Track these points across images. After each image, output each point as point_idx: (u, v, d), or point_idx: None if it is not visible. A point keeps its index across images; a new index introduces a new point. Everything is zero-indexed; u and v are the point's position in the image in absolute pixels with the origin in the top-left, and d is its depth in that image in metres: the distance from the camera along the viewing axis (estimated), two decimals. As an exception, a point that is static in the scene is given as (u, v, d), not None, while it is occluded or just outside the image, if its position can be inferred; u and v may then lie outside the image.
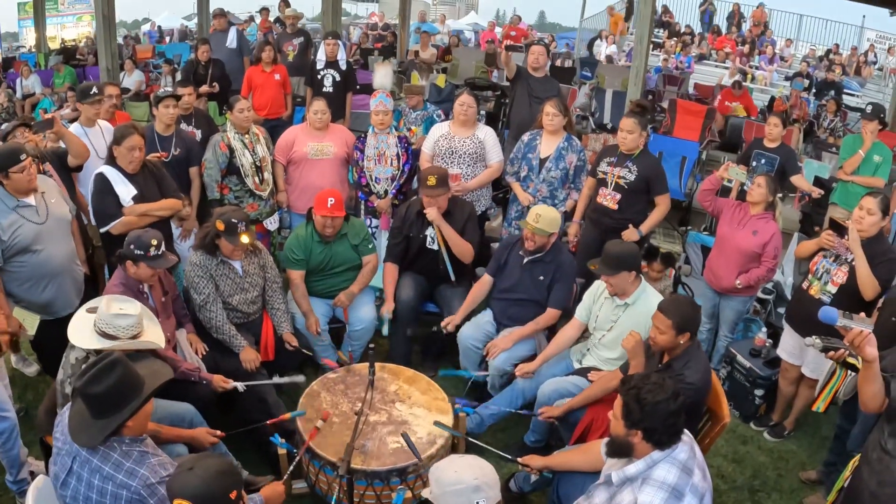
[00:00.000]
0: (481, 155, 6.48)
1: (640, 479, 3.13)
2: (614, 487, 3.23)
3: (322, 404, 4.49)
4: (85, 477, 3.01)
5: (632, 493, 3.12)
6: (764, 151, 7.65)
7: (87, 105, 6.14)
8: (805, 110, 13.50)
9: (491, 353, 5.19)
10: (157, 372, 3.29)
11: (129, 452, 3.03)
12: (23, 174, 4.50)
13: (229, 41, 10.97)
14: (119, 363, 3.03)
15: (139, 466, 3.00)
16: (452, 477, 2.75)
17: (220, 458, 2.80)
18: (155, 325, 3.98)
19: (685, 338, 4.00)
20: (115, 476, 2.97)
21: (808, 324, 4.79)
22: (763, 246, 5.47)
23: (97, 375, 2.97)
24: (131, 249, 4.37)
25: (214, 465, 2.71)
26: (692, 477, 3.09)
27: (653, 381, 3.13)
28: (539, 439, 5.02)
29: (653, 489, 3.05)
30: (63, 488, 3.09)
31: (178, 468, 2.75)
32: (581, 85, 13.31)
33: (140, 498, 2.95)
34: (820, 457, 5.23)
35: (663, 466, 3.10)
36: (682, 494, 3.03)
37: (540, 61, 7.39)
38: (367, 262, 5.72)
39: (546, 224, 5.11)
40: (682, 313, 3.98)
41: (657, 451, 3.13)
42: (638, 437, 3.12)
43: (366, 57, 15.27)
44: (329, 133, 6.58)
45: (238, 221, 4.83)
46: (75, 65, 15.23)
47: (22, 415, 4.79)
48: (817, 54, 20.96)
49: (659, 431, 3.09)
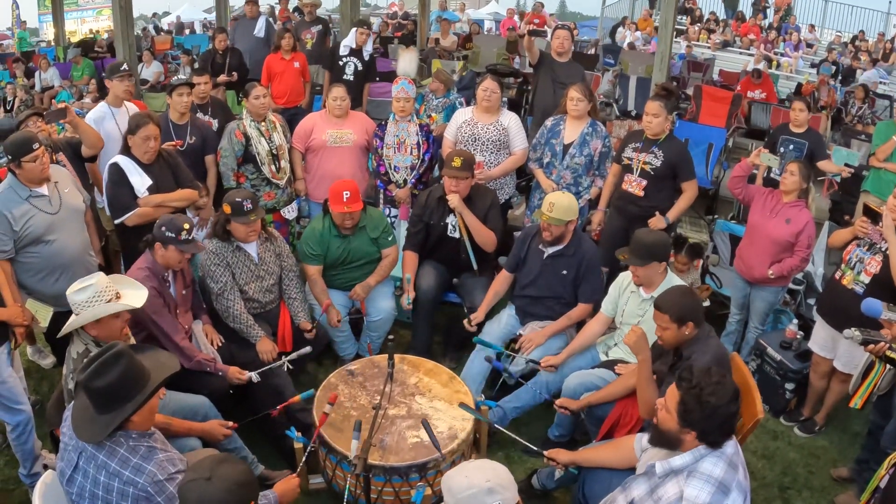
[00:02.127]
0: (505, 142, 6.34)
1: (685, 471, 3.02)
2: (657, 479, 3.12)
3: (340, 397, 4.38)
4: (91, 473, 2.95)
5: (677, 486, 3.01)
6: (791, 137, 7.50)
7: (116, 81, 6.09)
8: (833, 97, 13.30)
9: (525, 349, 5.06)
10: (163, 364, 3.20)
11: (135, 448, 2.96)
12: (35, 163, 4.45)
13: (257, 29, 10.94)
14: (123, 356, 2.95)
15: (146, 462, 2.92)
16: (463, 483, 2.63)
17: (237, 466, 2.68)
18: (135, 288, 3.87)
19: (688, 328, 3.88)
20: (122, 472, 2.90)
21: (841, 315, 4.70)
22: (796, 235, 5.32)
23: (100, 369, 2.90)
24: (162, 231, 4.37)
25: (233, 476, 2.59)
26: (737, 473, 2.99)
27: (714, 379, 2.98)
28: (563, 434, 4.91)
29: (700, 482, 2.94)
30: (69, 484, 3.03)
31: (194, 473, 2.62)
32: (604, 72, 13.17)
33: (147, 495, 2.88)
34: (852, 454, 5.11)
35: (710, 459, 2.99)
36: (729, 489, 2.92)
37: (565, 46, 7.23)
38: (387, 255, 5.62)
39: (561, 212, 4.94)
40: (677, 304, 3.87)
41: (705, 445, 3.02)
42: (691, 437, 3.01)
43: (386, 45, 15.20)
44: (348, 120, 6.48)
45: (243, 200, 4.78)
46: (94, 57, 15.24)
47: (37, 407, 4.78)
48: (843, 40, 20.67)
49: (715, 434, 2.98)
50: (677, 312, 3.84)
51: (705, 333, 3.97)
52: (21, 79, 13.85)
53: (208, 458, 2.75)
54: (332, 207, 5.30)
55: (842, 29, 22.54)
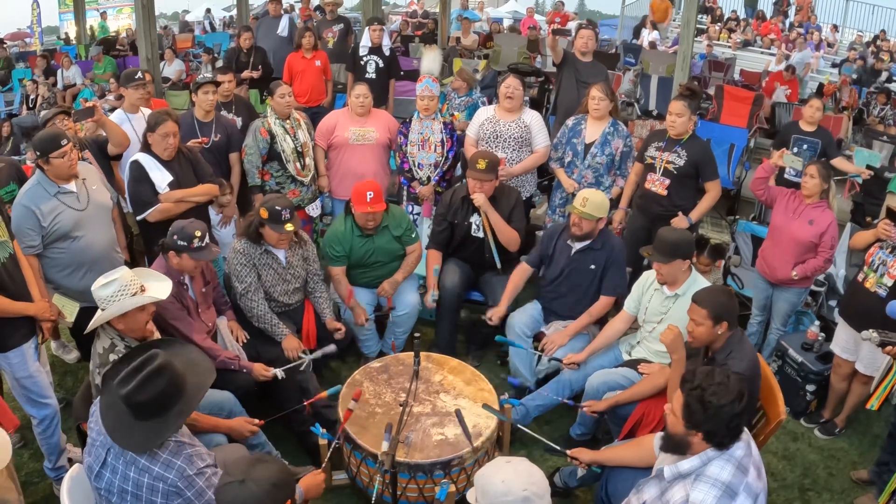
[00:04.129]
0: (527, 139, 6.33)
1: (693, 475, 3.01)
2: (666, 482, 3.12)
3: (365, 394, 4.40)
4: (120, 469, 2.95)
5: (683, 490, 3.00)
6: (804, 136, 7.43)
7: (130, 90, 6.13)
8: (855, 98, 13.22)
9: (548, 350, 5.07)
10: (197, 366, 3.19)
11: (164, 444, 2.95)
12: (63, 160, 4.46)
13: (281, 28, 10.91)
14: (166, 369, 2.91)
15: (175, 458, 2.93)
16: (500, 488, 2.59)
17: (272, 466, 2.66)
18: (160, 280, 3.87)
19: (723, 327, 3.87)
20: (152, 468, 2.90)
21: (864, 318, 4.68)
22: (820, 236, 5.29)
23: (144, 383, 2.85)
24: (175, 240, 4.35)
25: (269, 477, 2.58)
26: (747, 475, 2.96)
27: (717, 380, 2.96)
28: (585, 432, 4.91)
29: (706, 486, 2.93)
30: (97, 480, 3.03)
31: (229, 476, 2.61)
32: (625, 71, 13.14)
33: (177, 490, 2.89)
34: (872, 456, 5.08)
35: (718, 463, 2.97)
36: (736, 493, 2.90)
37: (588, 45, 7.22)
38: (412, 252, 5.62)
39: (594, 208, 4.96)
40: (716, 302, 3.86)
41: (713, 448, 3.00)
42: (698, 438, 2.99)
43: (406, 44, 15.21)
44: (371, 118, 6.50)
45: (282, 209, 4.77)
46: (115, 55, 15.35)
47: (63, 405, 4.77)
48: (864, 40, 20.52)
49: (721, 434, 2.96)
50: (716, 309, 3.83)
51: (738, 337, 3.97)
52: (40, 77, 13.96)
53: (243, 458, 2.74)
54: (355, 208, 5.30)
55: (863, 29, 22.35)
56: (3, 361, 4.19)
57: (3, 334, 4.13)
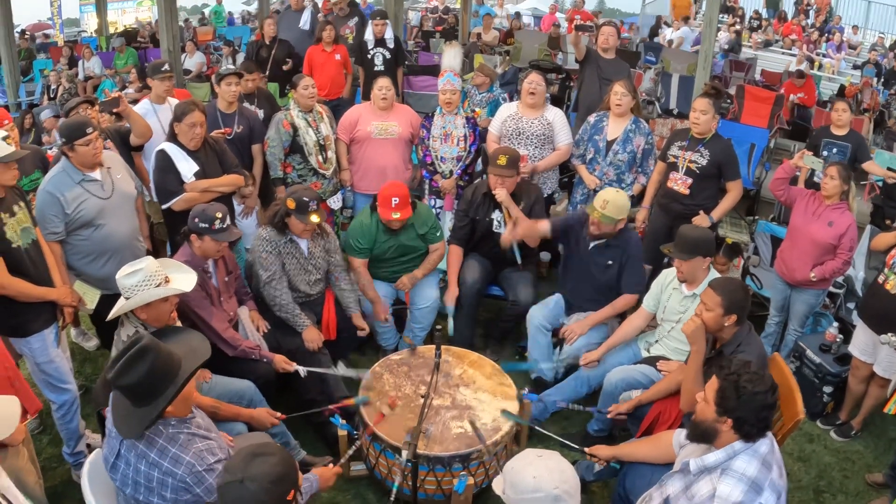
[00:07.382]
0: (549, 136, 6.33)
1: (719, 469, 3.02)
2: (691, 476, 3.13)
3: (385, 386, 4.44)
4: (132, 462, 2.95)
5: (710, 483, 3.01)
6: (834, 140, 7.36)
7: (157, 81, 6.16)
8: (876, 100, 13.14)
9: (568, 339, 5.09)
10: (195, 350, 3.14)
11: (174, 436, 2.96)
12: (88, 147, 4.48)
13: (303, 22, 10.86)
14: (148, 351, 2.86)
15: (185, 453, 2.92)
16: (531, 483, 2.61)
17: (270, 460, 2.61)
18: (184, 272, 3.89)
19: (731, 320, 3.86)
20: (161, 463, 2.90)
21: (884, 320, 4.68)
22: (839, 237, 5.28)
23: (126, 366, 2.83)
24: (196, 223, 4.38)
25: (267, 474, 2.56)
26: (771, 472, 2.98)
27: (753, 370, 3.01)
28: (602, 428, 4.91)
29: (733, 480, 2.94)
30: (113, 471, 3.04)
31: (228, 474, 2.58)
32: (646, 69, 13.09)
33: (186, 486, 2.90)
34: (887, 459, 5.07)
35: (744, 458, 2.99)
36: (761, 489, 2.92)
37: (610, 42, 7.20)
38: (435, 250, 5.64)
39: (614, 211, 4.93)
40: (732, 293, 3.85)
41: (740, 441, 3.01)
42: (727, 426, 3.00)
43: (427, 39, 15.20)
44: (393, 112, 6.50)
45: (309, 200, 4.80)
46: (136, 47, 15.41)
47: (82, 392, 4.82)
48: (886, 42, 20.38)
49: (750, 423, 2.97)
50: (730, 299, 3.82)
51: (746, 330, 3.96)
52: (65, 68, 14.04)
53: (241, 453, 2.70)
54: (380, 213, 5.30)
55: (885, 30, 22.19)
56: (25, 346, 4.24)
57: (25, 319, 4.18)
